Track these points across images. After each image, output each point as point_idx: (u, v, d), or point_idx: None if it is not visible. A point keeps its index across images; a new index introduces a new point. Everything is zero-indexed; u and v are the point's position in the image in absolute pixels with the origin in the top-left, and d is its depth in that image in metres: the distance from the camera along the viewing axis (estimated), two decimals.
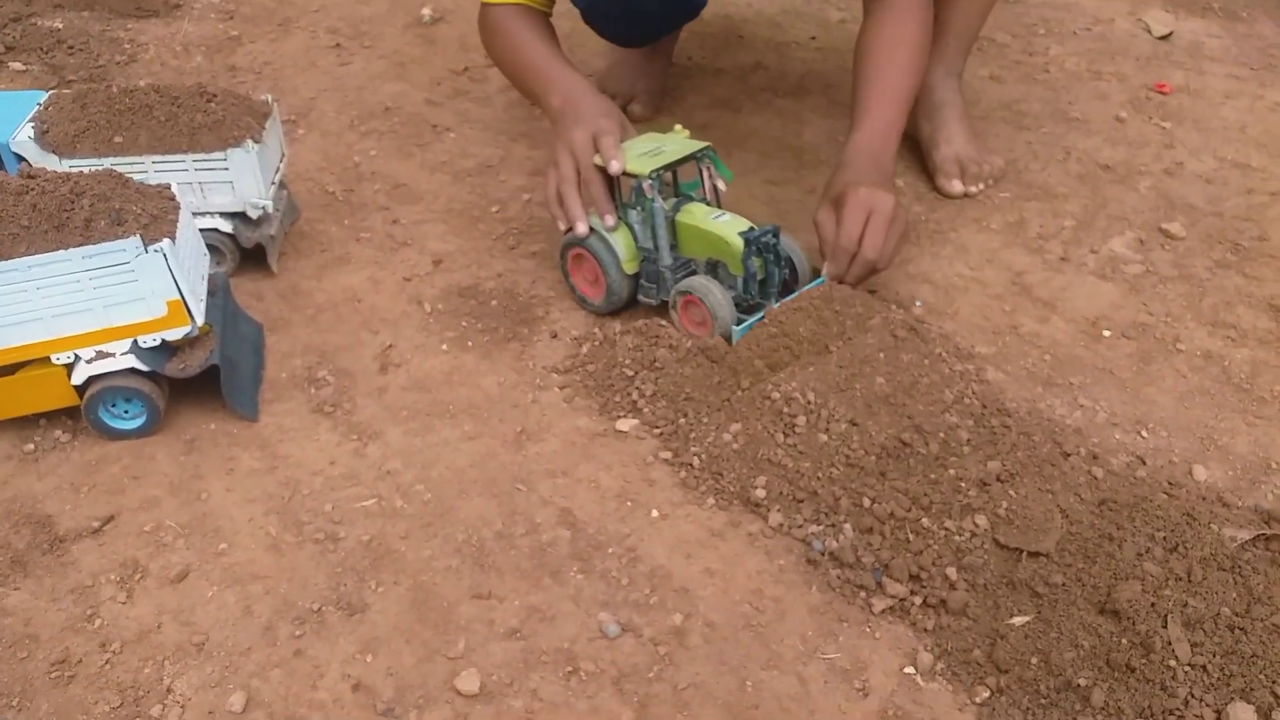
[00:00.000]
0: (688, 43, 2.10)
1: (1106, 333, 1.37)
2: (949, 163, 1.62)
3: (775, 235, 1.25)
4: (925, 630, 0.99)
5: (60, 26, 2.13)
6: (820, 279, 1.29)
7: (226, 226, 1.41)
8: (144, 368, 1.16)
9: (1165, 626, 0.91)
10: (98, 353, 1.15)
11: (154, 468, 1.17)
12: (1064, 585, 0.97)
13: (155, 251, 1.10)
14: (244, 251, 1.45)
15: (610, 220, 1.31)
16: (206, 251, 1.28)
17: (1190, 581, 0.94)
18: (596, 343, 1.32)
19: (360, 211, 1.61)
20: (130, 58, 2.05)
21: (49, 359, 1.14)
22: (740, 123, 1.86)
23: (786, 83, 2.00)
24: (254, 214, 1.41)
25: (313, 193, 1.66)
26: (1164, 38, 2.18)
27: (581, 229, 1.31)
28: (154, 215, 1.15)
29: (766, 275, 1.27)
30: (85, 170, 1.16)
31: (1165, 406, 1.26)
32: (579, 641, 0.99)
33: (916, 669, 0.96)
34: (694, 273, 1.32)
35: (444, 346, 1.35)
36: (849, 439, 1.10)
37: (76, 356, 1.15)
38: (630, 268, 1.33)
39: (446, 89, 1.98)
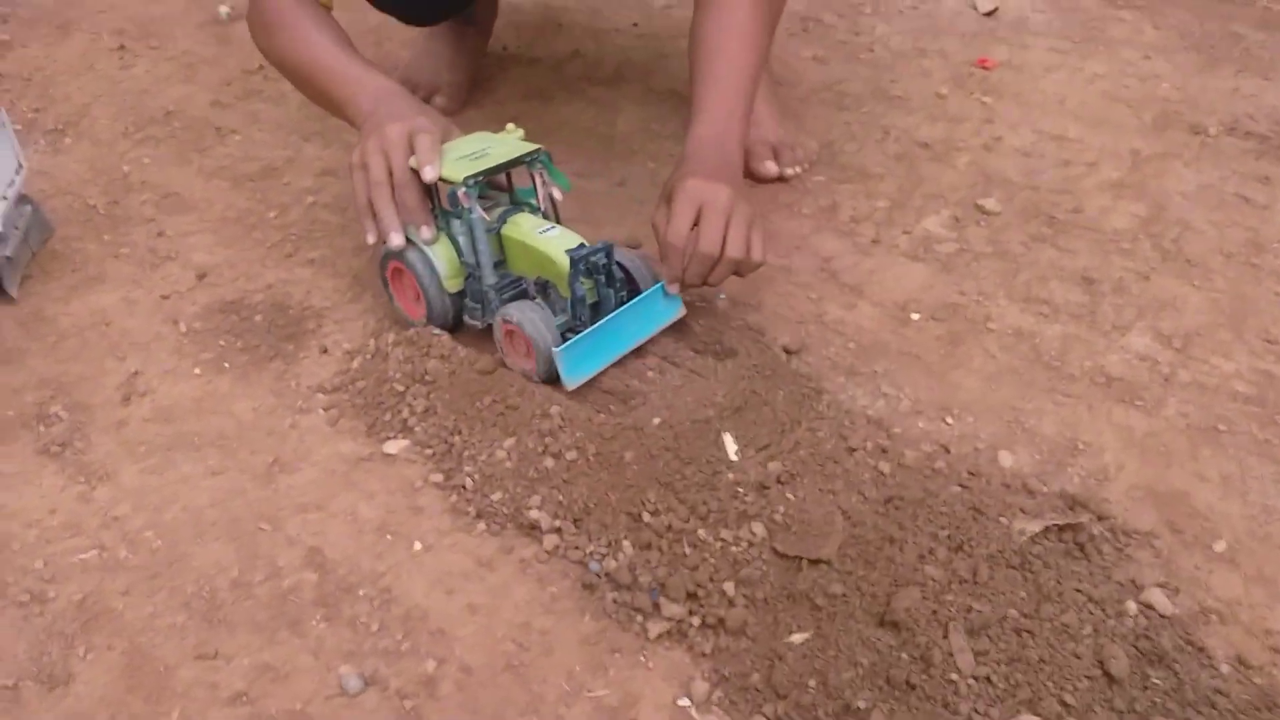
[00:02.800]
0: (503, 32, 1.99)
1: (915, 315, 1.31)
2: (758, 145, 1.54)
3: (608, 255, 1.11)
4: (703, 654, 0.90)
5: None
6: (659, 284, 1.15)
7: None
8: None
9: (946, 636, 0.83)
10: None
11: None
12: (843, 595, 0.89)
13: None
14: None
15: (427, 232, 1.15)
16: None
17: (975, 583, 0.87)
18: (368, 356, 1.20)
19: (123, 225, 1.46)
20: None
21: None
22: (551, 113, 1.76)
23: (603, 71, 1.90)
24: None
25: (73, 208, 1.50)
26: (990, 14, 2.15)
27: (396, 240, 1.15)
28: None
29: (600, 298, 1.14)
30: None
31: (972, 389, 1.20)
32: (314, 701, 0.87)
33: (691, 700, 0.87)
34: (525, 292, 1.18)
35: (197, 370, 1.21)
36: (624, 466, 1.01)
37: None
38: (453, 285, 1.18)
39: (237, 89, 1.83)
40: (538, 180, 1.19)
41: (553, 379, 1.11)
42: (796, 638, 0.88)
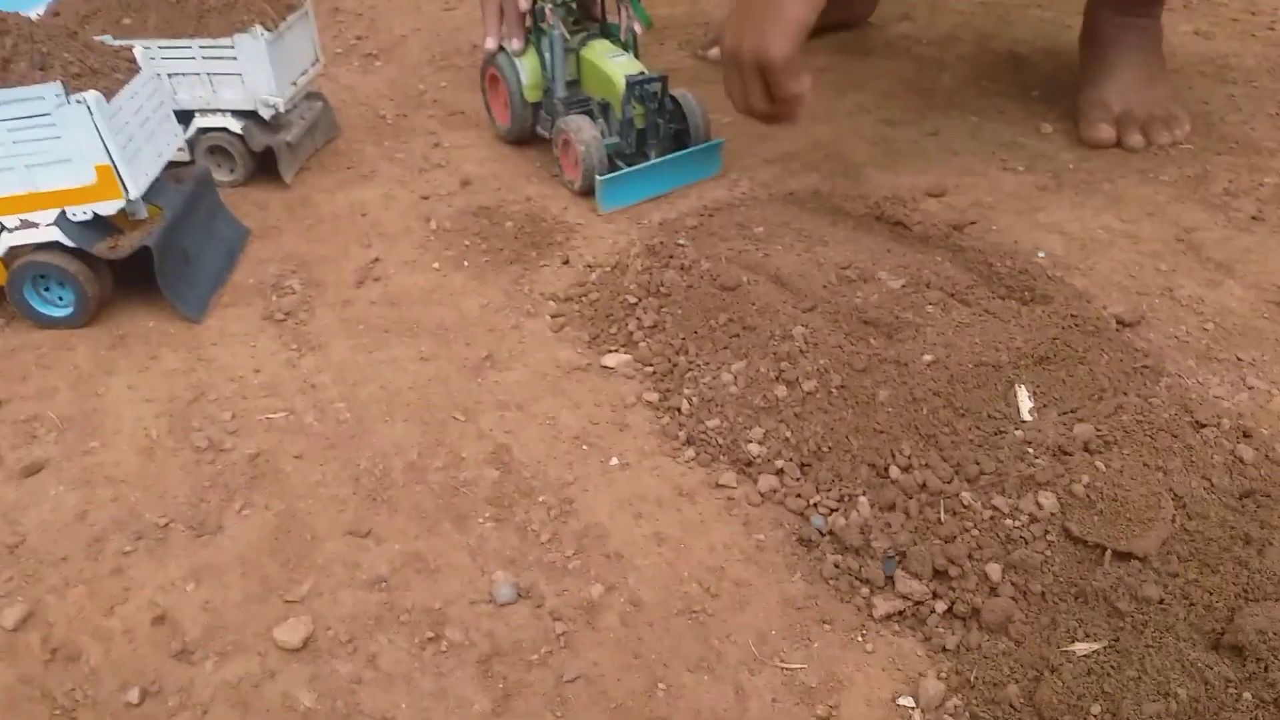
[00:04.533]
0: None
1: None
2: (1094, 107, 1.29)
3: (662, 85, 1.20)
4: (943, 649, 0.67)
5: None
6: (709, 144, 1.25)
7: (236, 127, 1.27)
8: (69, 243, 1.01)
9: None
10: (22, 221, 1.01)
11: (67, 359, 1.01)
12: (1161, 603, 0.62)
13: (78, 103, 0.95)
14: (260, 159, 1.31)
15: (516, 43, 1.28)
16: (179, 132, 1.14)
17: None
18: (607, 269, 1.08)
19: (404, 135, 1.44)
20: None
21: None
22: (867, 66, 1.57)
23: (934, 33, 1.69)
24: (265, 113, 1.26)
25: (364, 117, 1.50)
26: None
27: (490, 44, 1.30)
28: (94, 69, 1.00)
29: (647, 125, 1.21)
30: (32, 17, 1.03)
31: None
32: (456, 603, 0.73)
33: (917, 702, 0.64)
34: (590, 111, 1.26)
35: (436, 264, 1.13)
36: (874, 403, 0.80)
37: (1, 225, 1.02)
38: (532, 95, 1.30)
39: None
40: (623, 13, 1.25)
41: (590, 194, 1.21)
42: (1081, 648, 0.63)
